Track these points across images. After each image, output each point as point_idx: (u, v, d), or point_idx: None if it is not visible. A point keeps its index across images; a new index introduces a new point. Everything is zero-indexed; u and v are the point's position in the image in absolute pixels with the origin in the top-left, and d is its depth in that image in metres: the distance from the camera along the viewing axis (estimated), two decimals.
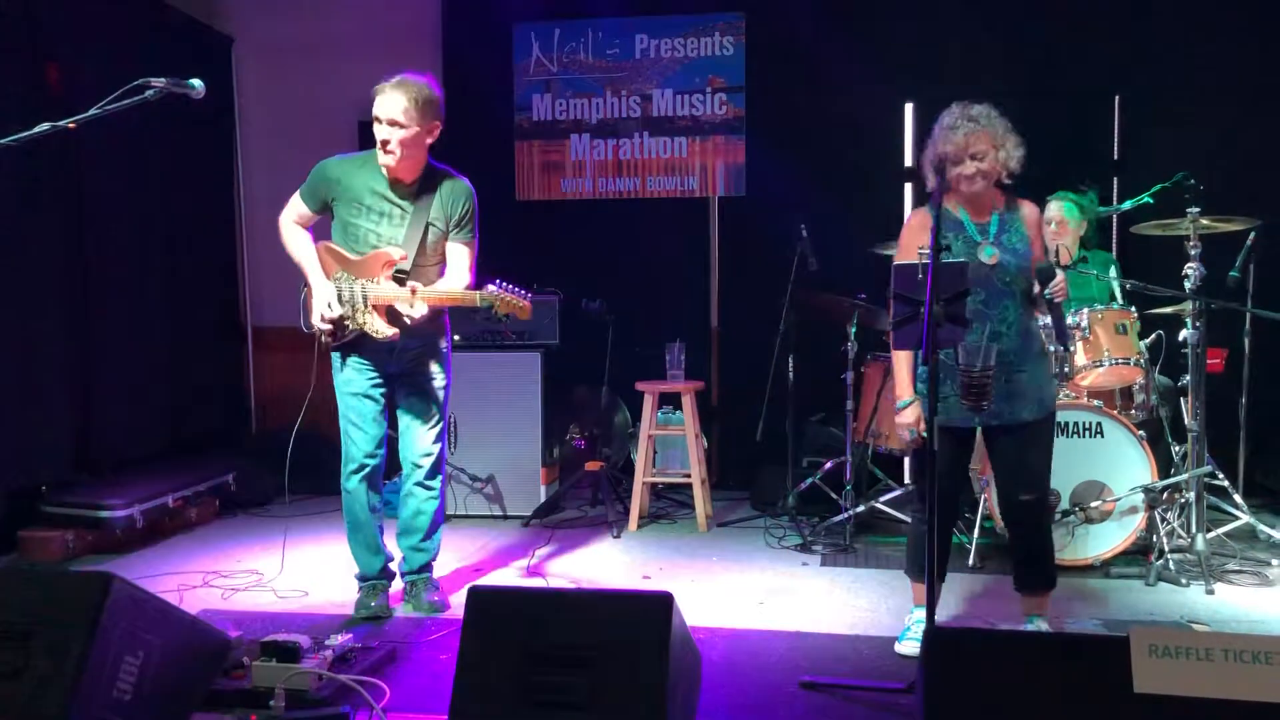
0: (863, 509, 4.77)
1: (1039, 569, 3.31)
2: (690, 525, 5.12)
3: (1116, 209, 4.92)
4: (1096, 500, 4.11)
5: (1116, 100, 5.54)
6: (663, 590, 2.39)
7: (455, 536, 4.72)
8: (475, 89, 6.07)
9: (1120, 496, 4.09)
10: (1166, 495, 4.18)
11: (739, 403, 5.77)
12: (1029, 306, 3.20)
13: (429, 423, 3.72)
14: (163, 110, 3.23)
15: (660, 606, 2.34)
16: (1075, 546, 4.11)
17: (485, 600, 2.46)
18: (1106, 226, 5.45)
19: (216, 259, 6.34)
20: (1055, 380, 3.80)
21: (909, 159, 5.75)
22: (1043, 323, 3.43)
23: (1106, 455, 4.12)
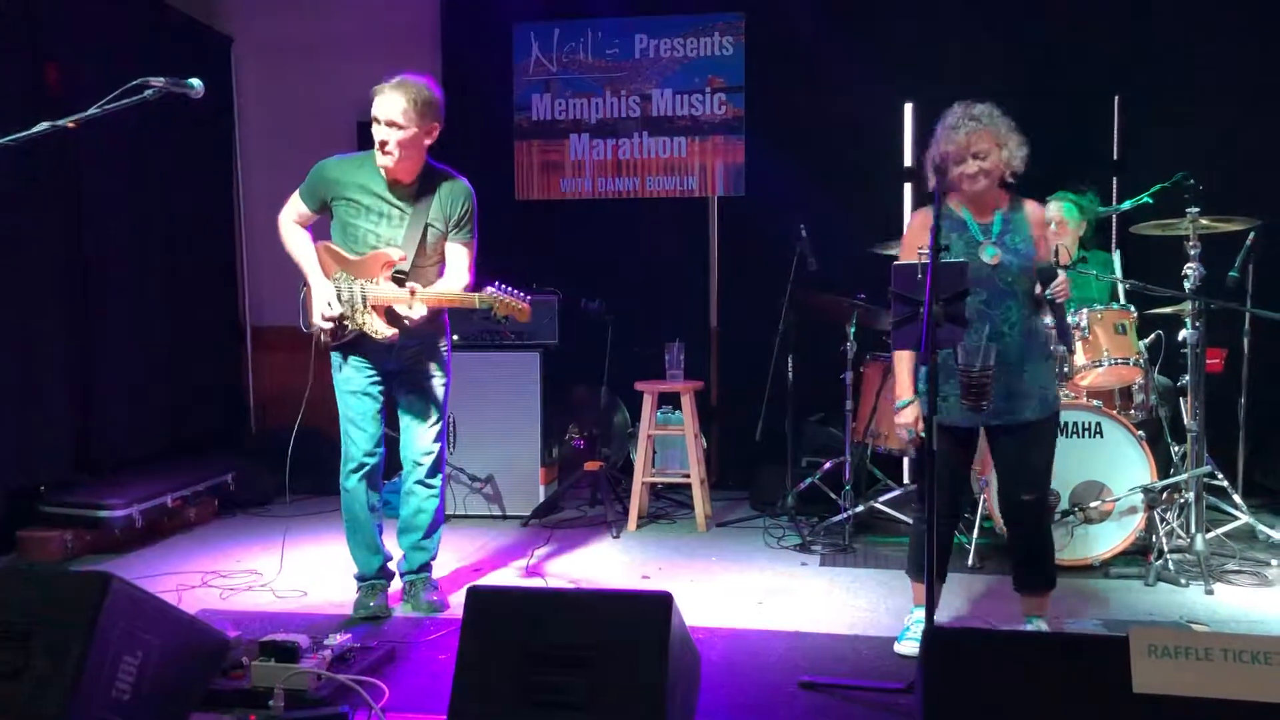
0: (862, 509, 4.77)
1: (1039, 569, 3.30)
2: (689, 525, 5.12)
3: (1116, 209, 4.92)
4: (1096, 500, 4.11)
5: (1116, 100, 5.54)
6: (662, 590, 2.39)
7: (454, 536, 4.72)
8: (475, 89, 6.07)
9: (1119, 497, 4.09)
10: (1166, 495, 4.18)
11: (738, 403, 5.77)
12: (1032, 306, 3.19)
13: (429, 422, 3.72)
14: (162, 110, 3.23)
15: (659, 606, 2.33)
16: (1074, 547, 4.11)
17: (484, 600, 2.46)
18: (1106, 227, 5.45)
19: (216, 259, 6.33)
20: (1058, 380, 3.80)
21: (909, 159, 5.76)
22: (1047, 323, 3.42)
23: (1106, 455, 4.13)
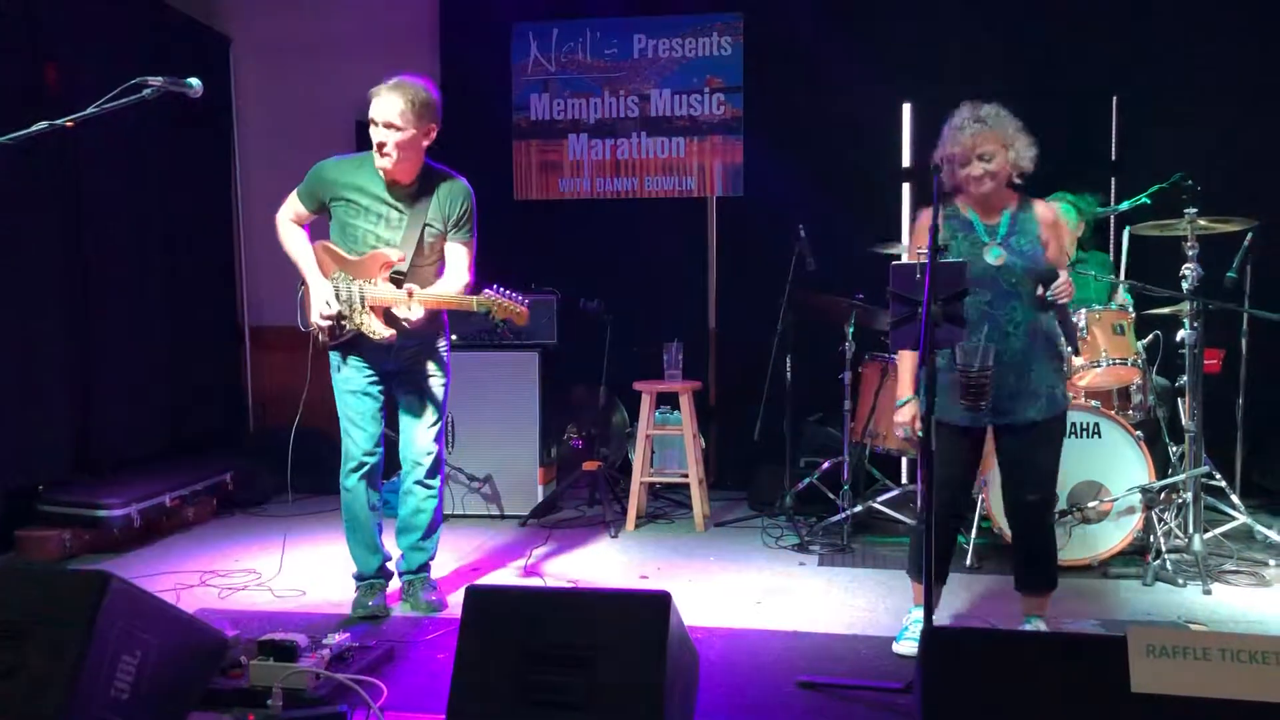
0: (860, 509, 4.77)
1: (1040, 569, 3.30)
2: (688, 525, 5.12)
3: (1114, 210, 4.92)
4: (1094, 500, 4.11)
5: (1114, 101, 5.54)
6: (660, 590, 2.39)
7: (452, 536, 4.72)
8: (473, 88, 6.08)
9: (1117, 497, 4.10)
10: (1164, 495, 4.18)
11: (736, 403, 5.78)
12: (1039, 307, 3.16)
13: (428, 422, 3.72)
14: (161, 110, 3.24)
15: (658, 606, 2.33)
16: (1073, 547, 4.11)
17: (483, 600, 2.46)
18: (1104, 227, 5.45)
19: (215, 259, 6.33)
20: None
21: (907, 159, 5.76)
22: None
23: (1104, 455, 4.13)
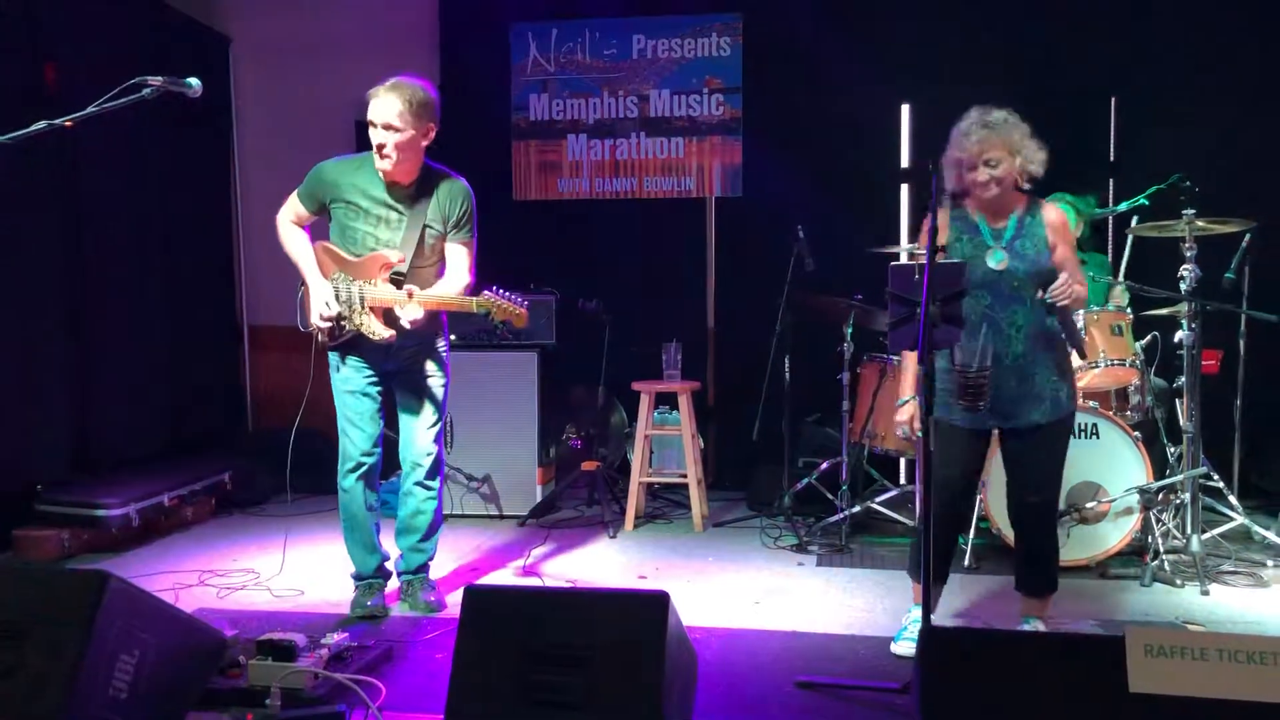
0: (858, 509, 4.78)
1: (1041, 571, 3.30)
2: (686, 525, 5.12)
3: (1112, 210, 4.93)
4: (1092, 501, 4.12)
5: (1113, 102, 5.54)
6: (659, 590, 2.39)
7: (451, 536, 4.71)
8: (472, 89, 6.08)
9: (1116, 497, 4.10)
10: (1162, 496, 4.18)
11: (735, 403, 5.78)
12: (1042, 310, 3.15)
13: (428, 422, 3.71)
14: (160, 110, 3.24)
15: (656, 606, 2.34)
16: (1071, 547, 4.10)
17: (481, 599, 2.46)
18: (1102, 228, 5.45)
19: (214, 258, 6.33)
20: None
21: (906, 160, 5.76)
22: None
23: (1102, 456, 4.13)
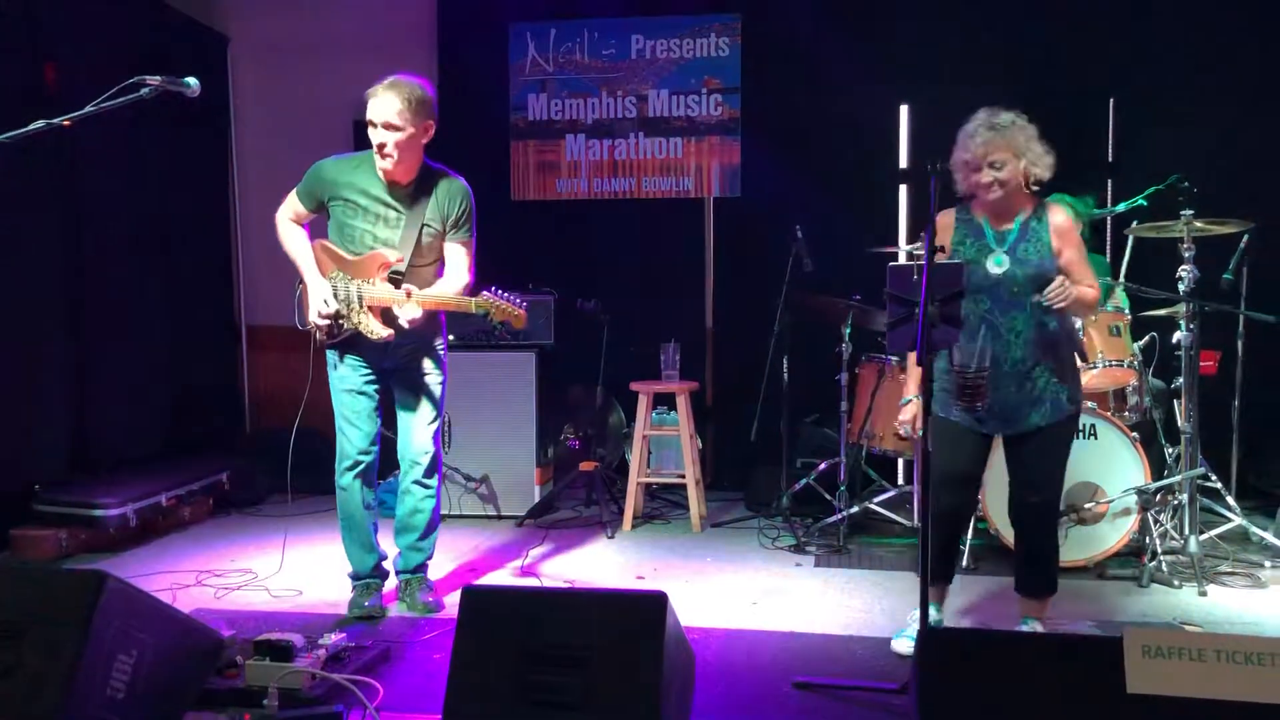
0: (856, 510, 4.78)
1: (1041, 572, 3.30)
2: (684, 526, 5.12)
3: (1110, 211, 4.93)
4: (1090, 502, 4.12)
5: (1111, 102, 5.54)
6: (657, 590, 2.39)
7: (449, 536, 4.71)
8: (471, 89, 6.08)
9: (1113, 498, 4.10)
10: (1160, 497, 4.19)
11: (733, 403, 5.78)
12: (1044, 313, 3.13)
13: (426, 420, 3.71)
14: (159, 109, 3.24)
15: (655, 606, 2.34)
16: (1069, 548, 4.10)
17: (479, 600, 2.46)
18: (1100, 229, 5.46)
19: (212, 258, 6.32)
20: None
21: (904, 160, 5.76)
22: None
23: (1100, 457, 4.13)
